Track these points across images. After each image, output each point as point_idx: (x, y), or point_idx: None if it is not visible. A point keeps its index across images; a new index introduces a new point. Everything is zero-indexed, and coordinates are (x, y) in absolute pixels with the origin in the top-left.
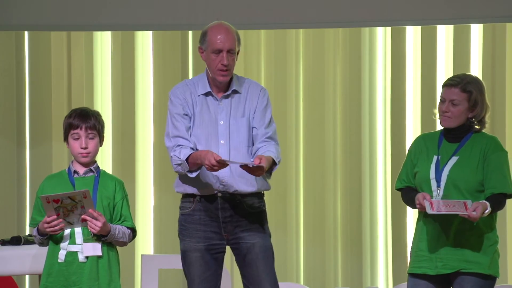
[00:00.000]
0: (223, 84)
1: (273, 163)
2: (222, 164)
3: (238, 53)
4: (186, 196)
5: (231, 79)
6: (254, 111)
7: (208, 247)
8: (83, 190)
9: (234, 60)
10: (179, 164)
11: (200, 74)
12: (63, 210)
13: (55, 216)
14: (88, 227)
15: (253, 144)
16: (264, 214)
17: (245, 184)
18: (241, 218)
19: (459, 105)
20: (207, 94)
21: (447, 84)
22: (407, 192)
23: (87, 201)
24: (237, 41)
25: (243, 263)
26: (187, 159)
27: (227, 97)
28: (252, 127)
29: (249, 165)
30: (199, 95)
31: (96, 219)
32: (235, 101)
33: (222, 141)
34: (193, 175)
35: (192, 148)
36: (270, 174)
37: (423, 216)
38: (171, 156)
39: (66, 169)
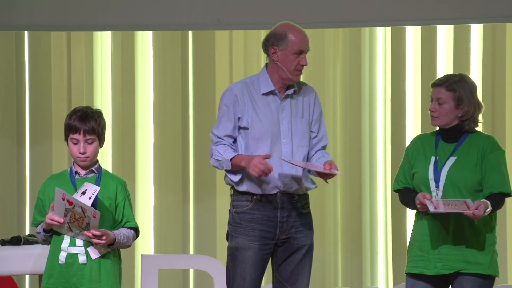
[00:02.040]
0: (285, 84)
1: None
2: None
3: None
4: (242, 194)
5: None
6: (313, 115)
7: (261, 246)
8: (96, 210)
9: None
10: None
11: (258, 74)
12: (71, 215)
13: (61, 220)
14: (94, 242)
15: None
16: (311, 214)
17: (306, 182)
18: (297, 219)
19: (445, 104)
20: (269, 93)
21: (434, 84)
22: (405, 193)
23: (94, 221)
24: None
25: (284, 259)
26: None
27: (287, 96)
28: (311, 131)
29: (324, 171)
30: (262, 94)
31: (100, 237)
32: (294, 101)
33: (284, 140)
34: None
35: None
36: None
37: (422, 216)
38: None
39: (68, 169)
